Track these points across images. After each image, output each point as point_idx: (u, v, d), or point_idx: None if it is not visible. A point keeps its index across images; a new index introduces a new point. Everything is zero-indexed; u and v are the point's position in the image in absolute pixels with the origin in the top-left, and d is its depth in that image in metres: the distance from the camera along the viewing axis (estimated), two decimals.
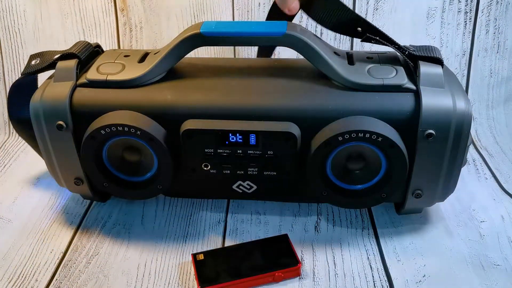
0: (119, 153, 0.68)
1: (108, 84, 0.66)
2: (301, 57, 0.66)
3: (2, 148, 0.94)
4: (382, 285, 0.62)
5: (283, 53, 0.94)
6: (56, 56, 0.69)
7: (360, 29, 0.67)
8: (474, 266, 0.64)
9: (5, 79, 1.00)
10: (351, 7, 0.96)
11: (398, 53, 0.68)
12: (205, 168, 0.67)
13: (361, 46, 0.96)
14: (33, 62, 0.71)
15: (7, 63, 1.00)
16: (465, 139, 0.62)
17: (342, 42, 0.98)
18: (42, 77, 0.72)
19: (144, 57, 0.70)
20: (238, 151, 0.65)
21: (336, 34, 0.94)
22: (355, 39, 0.97)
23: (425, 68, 0.63)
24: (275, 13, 0.73)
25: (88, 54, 0.71)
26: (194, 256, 0.64)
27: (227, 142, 0.64)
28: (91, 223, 0.73)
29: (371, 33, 0.66)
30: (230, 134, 0.64)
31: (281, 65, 0.73)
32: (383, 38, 0.66)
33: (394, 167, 0.63)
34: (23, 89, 0.73)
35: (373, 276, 0.63)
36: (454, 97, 0.61)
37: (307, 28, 0.79)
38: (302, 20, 0.95)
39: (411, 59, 0.65)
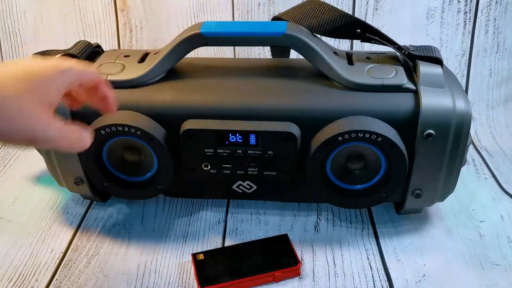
0: (119, 153, 0.68)
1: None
2: (301, 57, 0.67)
3: (2, 148, 0.94)
4: (382, 285, 0.62)
5: None
6: (57, 56, 0.69)
7: (359, 30, 0.67)
8: (473, 265, 0.64)
9: None
10: (351, 7, 0.96)
11: (397, 53, 0.68)
12: (205, 168, 0.67)
13: (361, 46, 0.96)
14: None
15: None
16: (465, 139, 0.62)
17: (342, 42, 0.98)
18: None
19: (144, 57, 0.70)
20: (238, 151, 0.65)
21: None
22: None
23: (425, 68, 0.63)
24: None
25: (88, 54, 0.71)
26: (194, 256, 0.64)
27: (227, 142, 0.64)
28: (91, 223, 0.73)
29: (370, 33, 0.66)
30: (230, 134, 0.64)
31: (281, 65, 0.73)
32: (382, 38, 0.66)
33: (394, 167, 0.63)
34: None
35: (372, 276, 0.63)
36: (453, 97, 0.61)
37: None
38: None
39: (411, 59, 0.65)
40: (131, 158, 0.69)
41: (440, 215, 0.73)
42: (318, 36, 0.68)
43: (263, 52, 1.00)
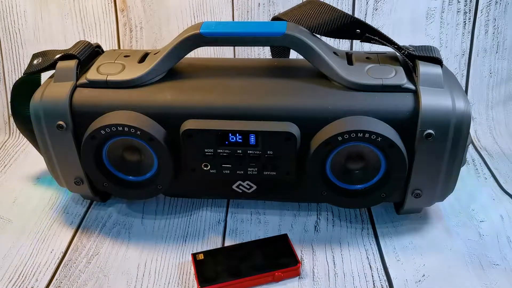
0: (119, 153, 0.68)
1: (108, 84, 0.66)
2: (301, 57, 0.67)
3: (2, 148, 0.94)
4: (381, 285, 0.62)
5: None
6: (57, 57, 0.69)
7: (358, 30, 0.67)
8: (473, 265, 0.64)
9: (5, 79, 1.00)
10: (350, 7, 0.96)
11: (397, 53, 0.68)
12: (205, 168, 0.67)
13: (360, 46, 0.96)
14: (35, 62, 0.71)
15: (7, 63, 1.00)
16: (465, 139, 0.62)
17: (342, 42, 0.98)
18: (45, 75, 0.72)
19: (144, 57, 0.70)
20: (238, 151, 0.65)
21: None
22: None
23: (425, 68, 0.63)
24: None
25: (88, 54, 0.71)
26: (194, 256, 0.64)
27: (227, 142, 0.64)
28: (91, 223, 0.73)
29: (370, 33, 0.66)
30: (230, 134, 0.64)
31: (281, 65, 0.73)
32: (382, 38, 0.66)
33: (394, 167, 0.63)
34: (26, 87, 0.73)
35: (372, 276, 0.63)
36: (453, 97, 0.61)
37: None
38: None
39: (410, 59, 0.65)
40: (131, 158, 0.69)
41: (440, 215, 0.73)
42: (318, 36, 0.68)
43: (263, 52, 1.00)
